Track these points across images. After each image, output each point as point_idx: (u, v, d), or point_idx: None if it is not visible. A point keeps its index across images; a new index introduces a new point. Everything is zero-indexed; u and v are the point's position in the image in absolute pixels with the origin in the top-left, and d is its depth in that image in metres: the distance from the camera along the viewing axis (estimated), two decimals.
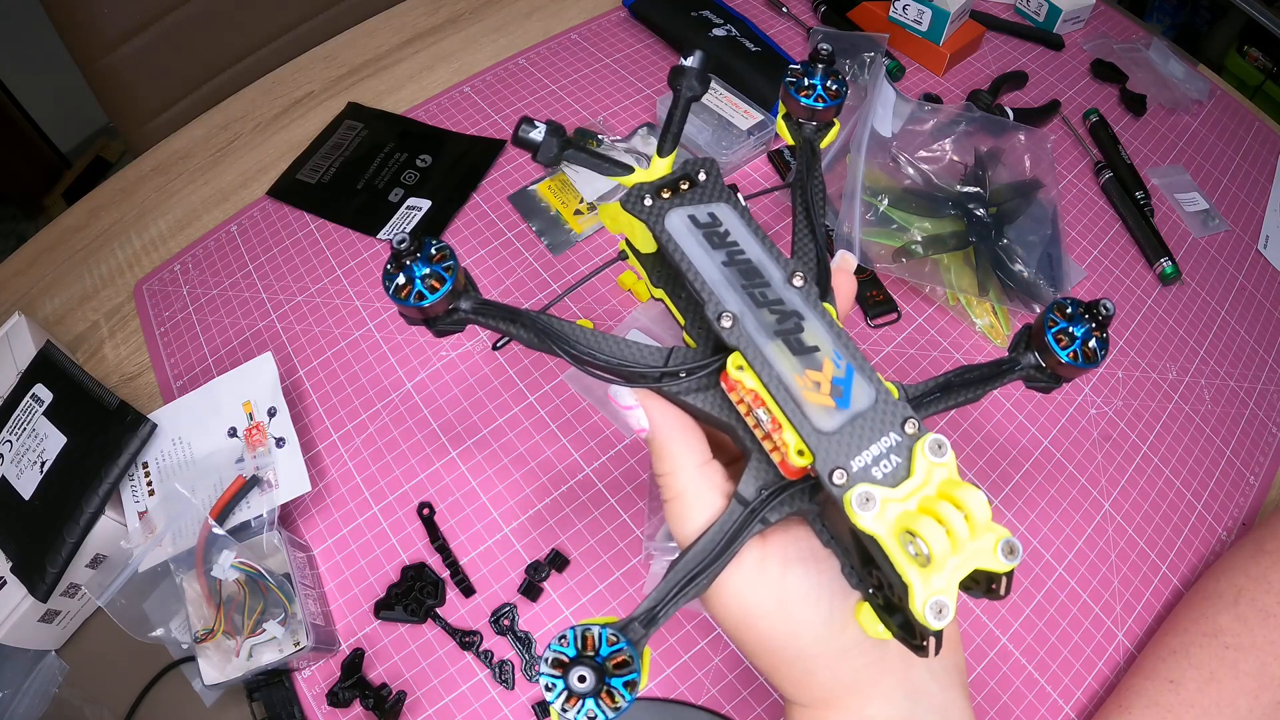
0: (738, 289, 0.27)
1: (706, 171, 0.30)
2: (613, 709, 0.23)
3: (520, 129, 0.31)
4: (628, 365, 0.28)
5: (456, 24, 0.85)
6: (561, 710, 0.23)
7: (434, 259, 0.28)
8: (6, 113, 1.55)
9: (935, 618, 0.21)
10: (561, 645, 0.24)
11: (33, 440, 0.50)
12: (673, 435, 0.29)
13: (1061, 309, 0.30)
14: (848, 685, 0.28)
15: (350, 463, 0.54)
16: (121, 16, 0.83)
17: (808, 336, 0.26)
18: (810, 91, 0.34)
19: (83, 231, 0.70)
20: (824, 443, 0.24)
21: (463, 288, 0.29)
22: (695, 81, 0.31)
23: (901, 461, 0.24)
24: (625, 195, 0.30)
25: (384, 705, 0.45)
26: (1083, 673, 0.47)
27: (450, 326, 0.29)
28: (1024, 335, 0.31)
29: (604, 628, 0.24)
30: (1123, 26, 0.86)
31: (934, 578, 0.22)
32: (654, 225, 0.29)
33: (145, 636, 0.45)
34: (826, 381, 0.25)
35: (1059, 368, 0.29)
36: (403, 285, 0.28)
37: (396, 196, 0.68)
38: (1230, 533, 0.54)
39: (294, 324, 0.61)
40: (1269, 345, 0.63)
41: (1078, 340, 0.29)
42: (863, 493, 0.23)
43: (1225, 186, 0.73)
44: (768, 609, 0.27)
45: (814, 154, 0.34)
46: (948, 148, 0.65)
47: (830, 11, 0.81)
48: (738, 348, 0.26)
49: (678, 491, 0.28)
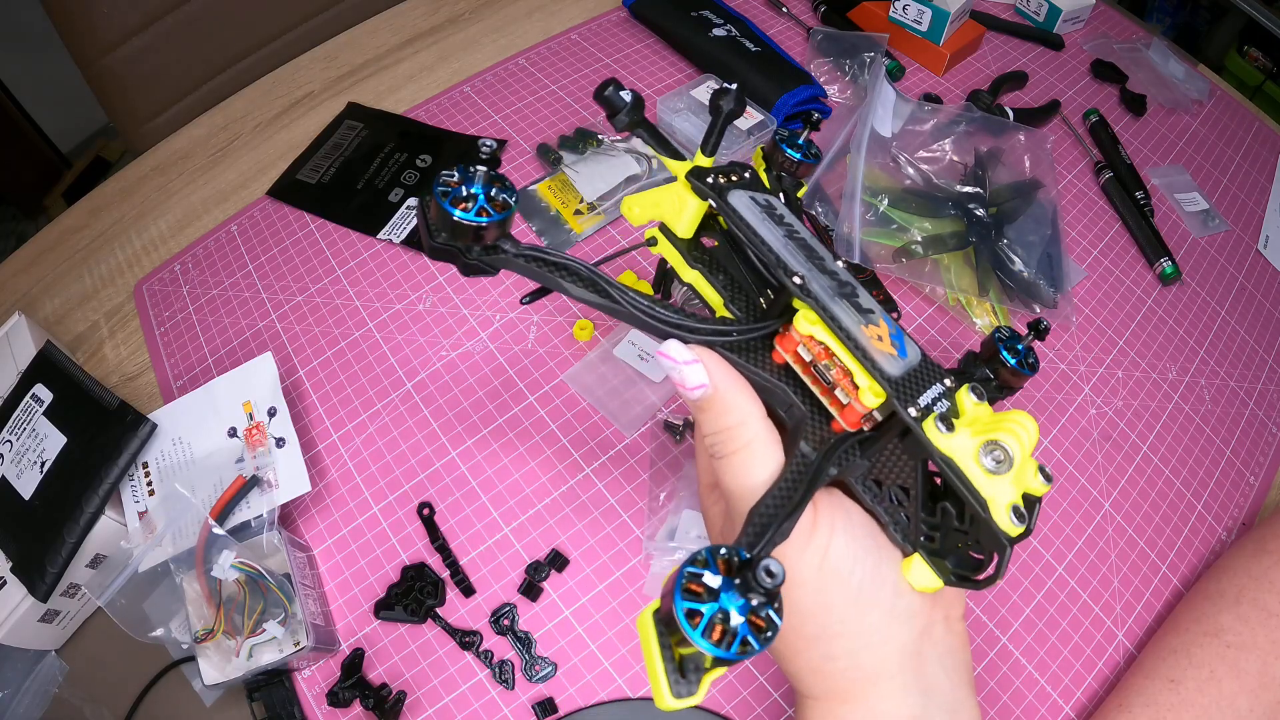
0: (801, 258, 0.29)
1: (750, 173, 0.33)
2: (763, 637, 0.20)
3: (609, 89, 0.33)
4: (686, 322, 0.29)
5: (456, 24, 0.85)
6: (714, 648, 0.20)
7: (496, 184, 0.28)
8: (6, 113, 1.55)
9: (1017, 520, 0.24)
10: (699, 567, 0.20)
11: (33, 440, 0.50)
12: (738, 386, 0.29)
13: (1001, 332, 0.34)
14: (865, 675, 0.28)
15: (350, 463, 0.54)
16: (121, 16, 0.83)
17: (863, 302, 0.29)
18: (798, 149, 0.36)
19: (83, 231, 0.70)
20: (894, 383, 0.27)
21: (510, 230, 0.29)
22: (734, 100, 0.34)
23: (951, 404, 0.27)
24: (691, 172, 0.32)
25: (384, 705, 0.45)
26: (1083, 673, 0.47)
27: (484, 264, 0.29)
28: (970, 356, 0.35)
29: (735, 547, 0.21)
30: (1123, 26, 0.86)
31: (1005, 488, 0.25)
32: (719, 199, 0.31)
33: (145, 636, 0.45)
34: (886, 336, 0.28)
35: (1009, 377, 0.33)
36: (465, 197, 0.27)
37: (396, 196, 0.68)
38: (1230, 533, 0.54)
39: (294, 324, 0.61)
40: (1269, 345, 0.63)
41: (1021, 352, 0.33)
42: (941, 416, 0.26)
43: (1225, 186, 0.73)
44: (808, 575, 0.27)
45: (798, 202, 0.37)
46: (948, 148, 0.65)
47: (830, 11, 0.81)
48: (809, 303, 0.28)
49: (746, 440, 0.28)
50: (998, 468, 0.25)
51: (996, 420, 0.26)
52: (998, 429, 0.26)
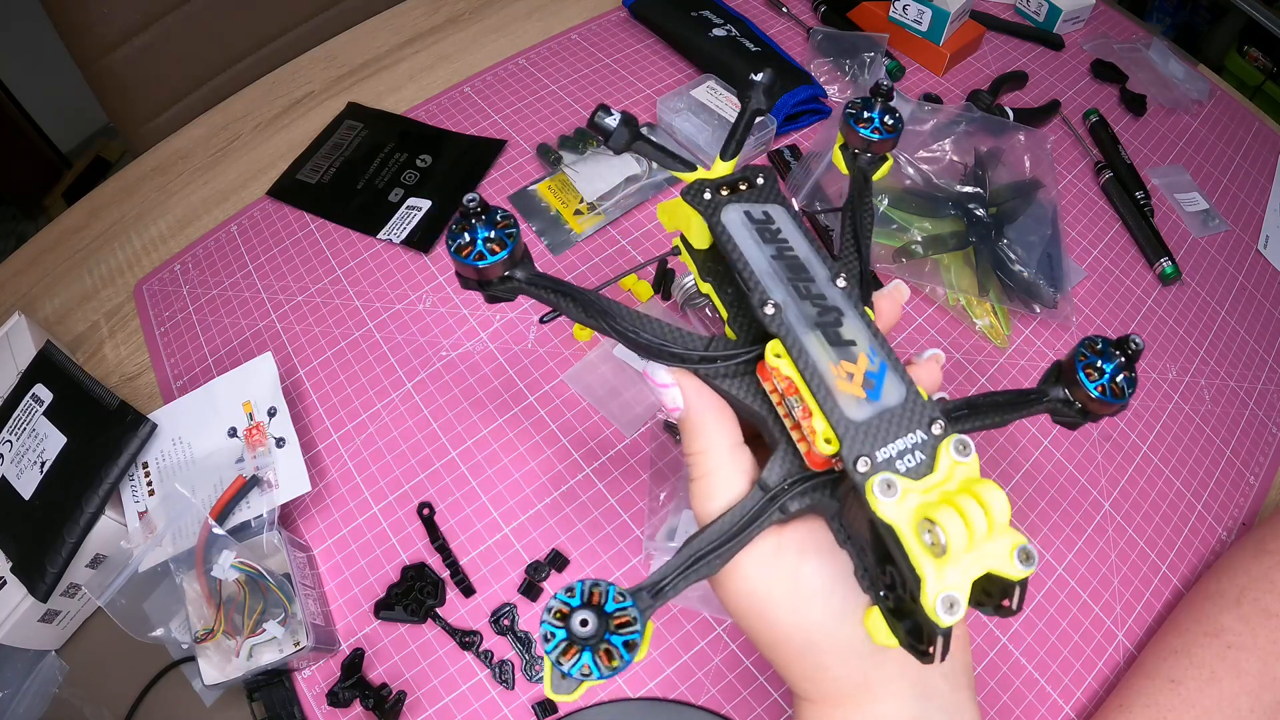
0: (783, 281, 0.28)
1: (765, 177, 0.32)
2: (609, 668, 0.23)
3: (596, 115, 0.32)
4: (669, 346, 0.29)
5: (456, 24, 0.85)
6: (557, 662, 0.23)
7: (498, 225, 0.30)
8: (6, 113, 1.55)
9: (946, 613, 0.21)
10: (568, 595, 0.24)
11: (33, 440, 0.50)
12: (707, 415, 0.29)
13: (1091, 345, 0.30)
14: (860, 682, 0.28)
15: (350, 463, 0.54)
16: (121, 16, 0.83)
17: (846, 331, 0.27)
18: (868, 124, 0.35)
19: (83, 231, 0.70)
20: (851, 431, 0.25)
21: (520, 258, 0.30)
22: (762, 95, 0.33)
23: (926, 458, 0.24)
24: (687, 188, 0.32)
25: (384, 705, 0.45)
26: (1083, 673, 0.47)
27: (503, 293, 0.31)
28: (1054, 370, 0.31)
29: (611, 585, 0.24)
30: (1123, 26, 0.86)
31: (948, 571, 0.21)
32: (710, 217, 0.30)
33: (145, 636, 0.45)
34: (860, 374, 0.26)
35: (1089, 403, 0.30)
36: (465, 245, 0.29)
37: (396, 196, 0.68)
38: (1230, 533, 0.54)
39: (294, 324, 0.61)
40: (1269, 345, 0.63)
41: (1106, 375, 0.29)
42: (885, 479, 0.23)
43: (1225, 186, 0.73)
44: (779, 598, 0.27)
45: (866, 183, 0.35)
46: (948, 148, 0.65)
47: (830, 11, 0.81)
48: (777, 335, 0.27)
49: (706, 470, 0.28)
50: (934, 548, 0.22)
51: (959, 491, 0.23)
52: (947, 504, 0.22)
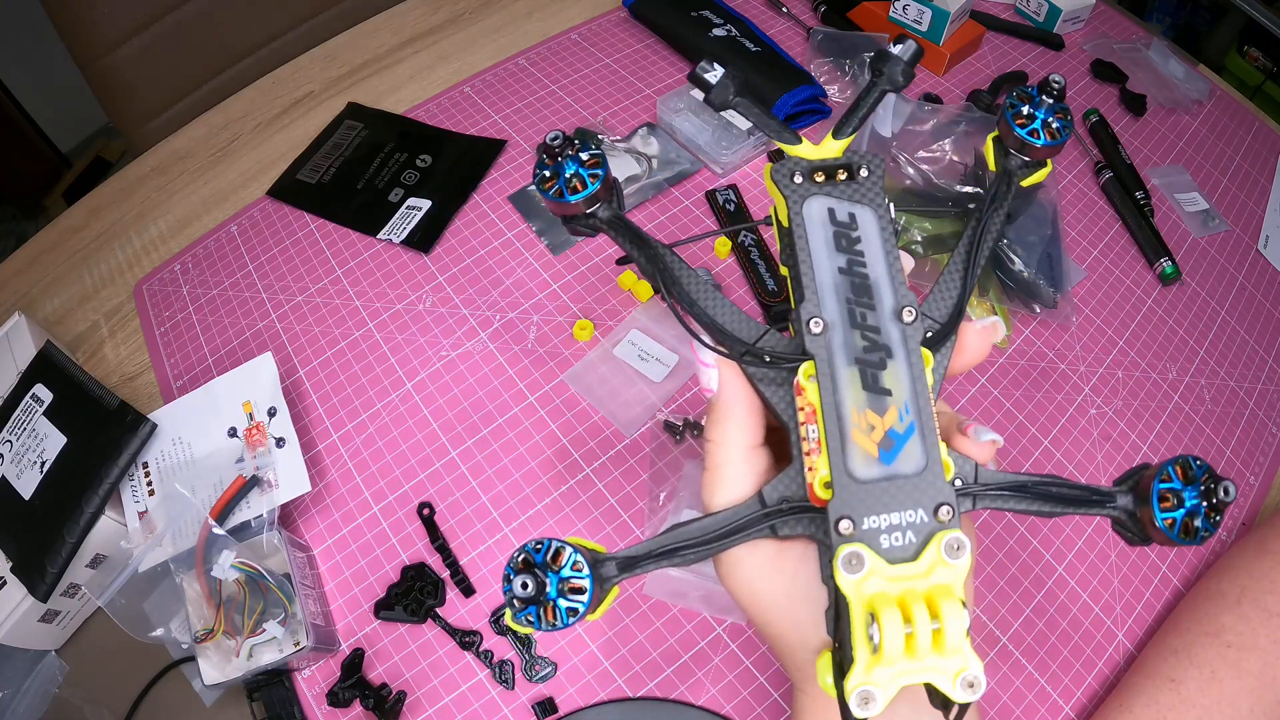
0: (841, 300, 0.25)
1: (871, 169, 0.28)
2: (549, 624, 0.24)
3: (700, 67, 0.31)
4: (721, 329, 0.28)
5: (456, 24, 0.85)
6: (510, 603, 0.24)
7: (586, 163, 0.29)
8: (6, 113, 1.55)
9: (859, 706, 0.20)
10: (535, 550, 0.25)
11: (33, 440, 0.50)
12: (735, 408, 0.28)
13: (1185, 467, 0.25)
14: None
15: (350, 463, 0.54)
16: (121, 16, 0.83)
17: (887, 377, 0.24)
18: (1028, 123, 0.30)
19: (83, 231, 0.70)
20: (849, 488, 0.23)
21: (606, 197, 0.30)
22: (899, 74, 0.29)
23: (916, 542, 0.22)
24: (778, 165, 0.29)
25: (384, 705, 0.45)
26: (1083, 673, 0.47)
27: (584, 229, 0.30)
28: (1133, 476, 0.27)
29: (576, 551, 0.25)
30: (1123, 26, 0.86)
31: (880, 669, 0.20)
32: (792, 205, 0.28)
33: (145, 636, 0.45)
34: (882, 429, 0.24)
35: (1152, 530, 0.25)
36: (548, 179, 0.29)
37: (396, 196, 0.68)
38: (1231, 533, 0.54)
39: (294, 324, 0.61)
40: (1269, 345, 0.63)
41: (1184, 508, 0.24)
42: (854, 552, 0.22)
43: (1225, 186, 0.73)
44: (776, 599, 0.27)
45: (1008, 188, 0.30)
46: (948, 148, 0.65)
47: (830, 11, 0.81)
48: (814, 356, 0.25)
49: (718, 463, 0.28)
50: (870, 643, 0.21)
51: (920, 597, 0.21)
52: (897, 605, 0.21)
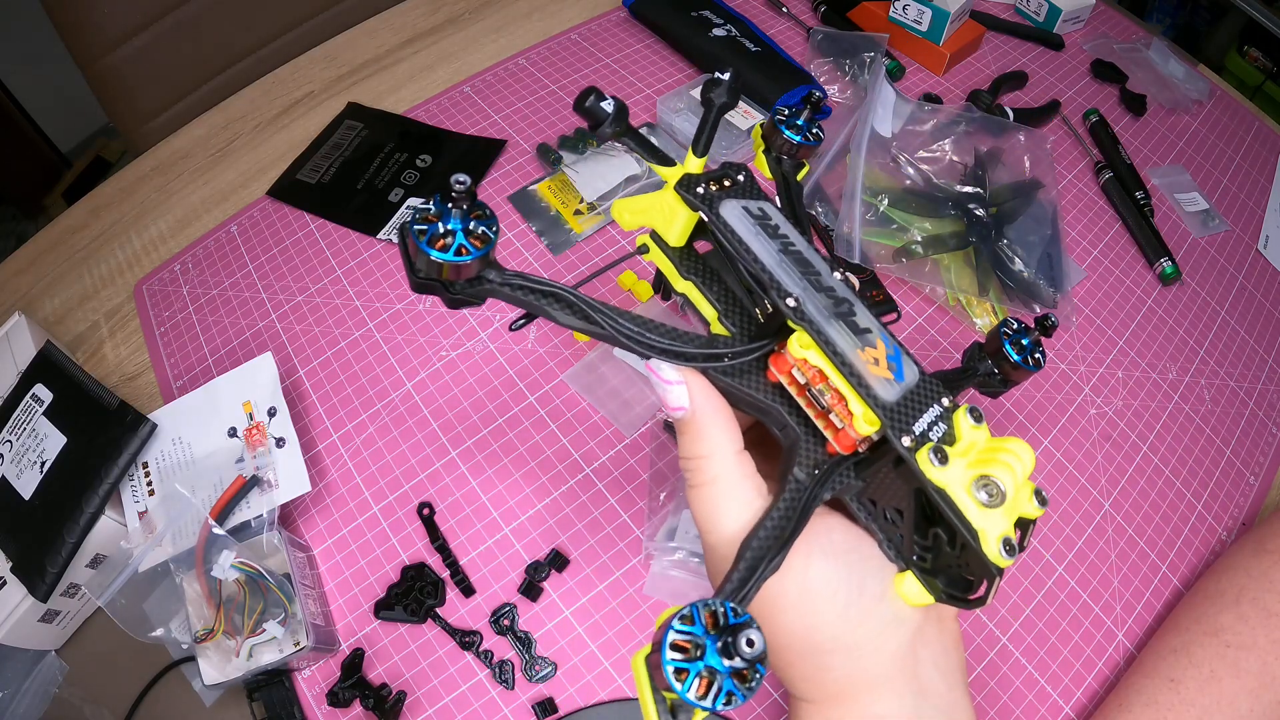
0: (796, 275, 0.29)
1: (745, 174, 0.32)
2: (746, 688, 0.21)
3: (589, 99, 0.30)
4: (675, 345, 0.28)
5: (456, 24, 0.85)
6: (697, 700, 0.20)
7: (475, 215, 0.26)
8: (6, 113, 1.55)
9: (1007, 554, 0.24)
10: (686, 625, 0.21)
11: (33, 440, 0.50)
12: (714, 418, 0.28)
13: (1009, 325, 0.34)
14: (859, 681, 0.28)
15: (350, 463, 0.54)
16: (121, 16, 0.83)
17: (860, 320, 0.28)
18: (798, 131, 0.35)
19: (83, 231, 0.70)
20: (889, 411, 0.26)
21: (492, 258, 0.27)
22: (726, 93, 0.32)
23: (948, 429, 0.27)
24: (679, 182, 0.31)
25: (384, 705, 0.45)
26: (1083, 673, 0.47)
27: (470, 297, 0.27)
28: (976, 348, 0.35)
29: (723, 601, 0.22)
30: (1123, 26, 0.86)
31: (997, 519, 0.24)
32: (710, 212, 0.30)
33: (145, 636, 0.45)
34: (883, 358, 0.27)
35: (1011, 372, 0.34)
36: (441, 235, 0.25)
37: (396, 196, 0.68)
38: (1230, 533, 0.54)
39: (294, 324, 0.61)
40: (1269, 345, 0.63)
41: (1026, 349, 0.34)
42: (935, 448, 0.25)
43: (1225, 186, 0.73)
44: (790, 600, 0.27)
45: (798, 187, 0.36)
46: (948, 148, 0.65)
47: (830, 11, 0.81)
48: (803, 326, 0.27)
49: (711, 476, 0.28)
50: (990, 501, 0.25)
51: (992, 450, 0.26)
52: (992, 462, 0.25)
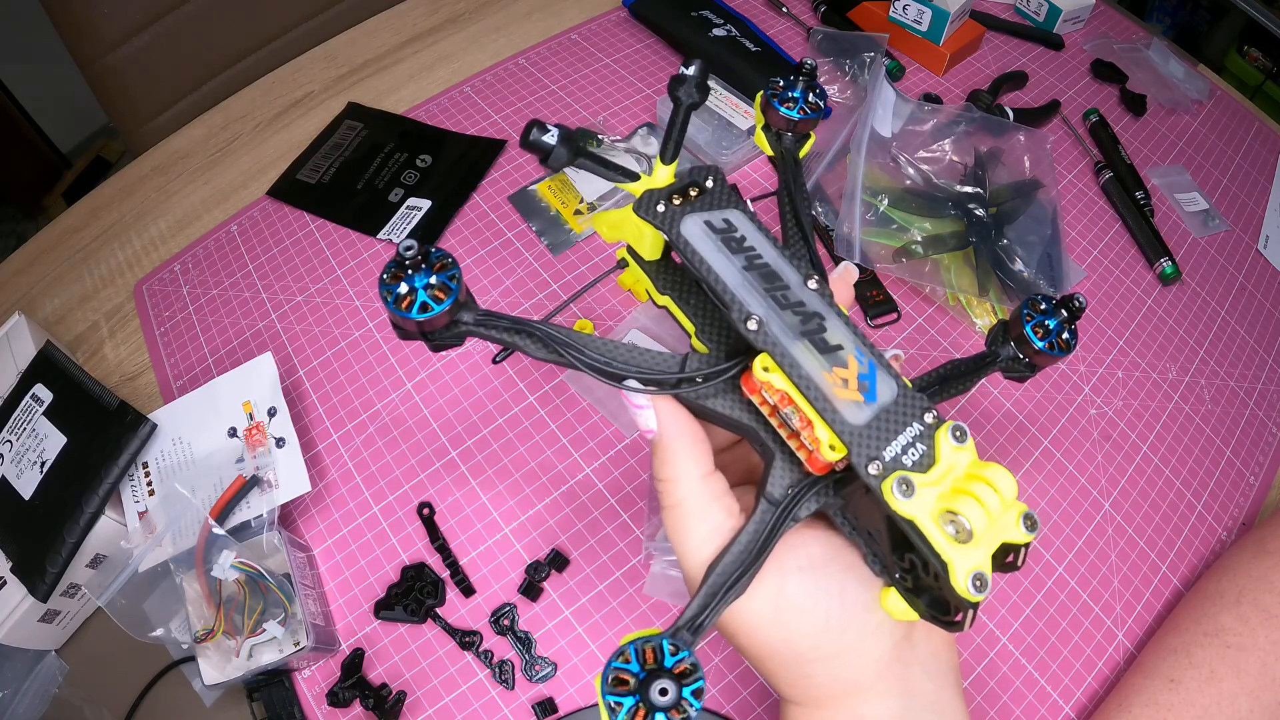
0: (760, 293, 0.27)
1: (714, 178, 0.30)
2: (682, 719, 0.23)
3: (531, 133, 0.30)
4: (645, 372, 0.28)
5: (456, 24, 0.85)
6: None
7: (437, 268, 0.26)
8: (6, 113, 1.55)
9: (976, 590, 0.22)
10: (623, 662, 0.23)
11: (33, 440, 0.50)
12: (680, 442, 0.28)
13: (1035, 304, 0.32)
14: (845, 685, 0.28)
15: (350, 463, 0.54)
16: (121, 16, 0.83)
17: (831, 336, 0.27)
18: (793, 104, 0.34)
19: (83, 231, 0.70)
20: (856, 436, 0.25)
21: (465, 299, 0.27)
22: (694, 89, 0.31)
23: (927, 449, 0.25)
24: (638, 202, 0.30)
25: (384, 705, 0.45)
26: (1083, 673, 0.47)
27: (449, 340, 0.28)
28: (1000, 329, 0.33)
29: (661, 638, 0.23)
30: (1123, 26, 0.86)
31: (970, 553, 0.23)
32: (670, 231, 0.29)
33: (145, 636, 0.45)
34: (853, 378, 0.26)
35: (1035, 356, 0.32)
36: (404, 295, 0.26)
37: (396, 196, 0.68)
38: (1230, 533, 0.54)
39: (294, 324, 0.61)
40: (1269, 345, 0.63)
41: (1052, 332, 0.31)
42: (901, 479, 0.24)
43: (1225, 186, 0.73)
44: (765, 617, 0.27)
45: (796, 165, 0.35)
46: (948, 148, 0.65)
47: (830, 11, 0.81)
48: (765, 350, 0.26)
49: (677, 500, 0.28)
50: (958, 535, 0.23)
51: (969, 479, 0.24)
52: (964, 494, 0.23)
